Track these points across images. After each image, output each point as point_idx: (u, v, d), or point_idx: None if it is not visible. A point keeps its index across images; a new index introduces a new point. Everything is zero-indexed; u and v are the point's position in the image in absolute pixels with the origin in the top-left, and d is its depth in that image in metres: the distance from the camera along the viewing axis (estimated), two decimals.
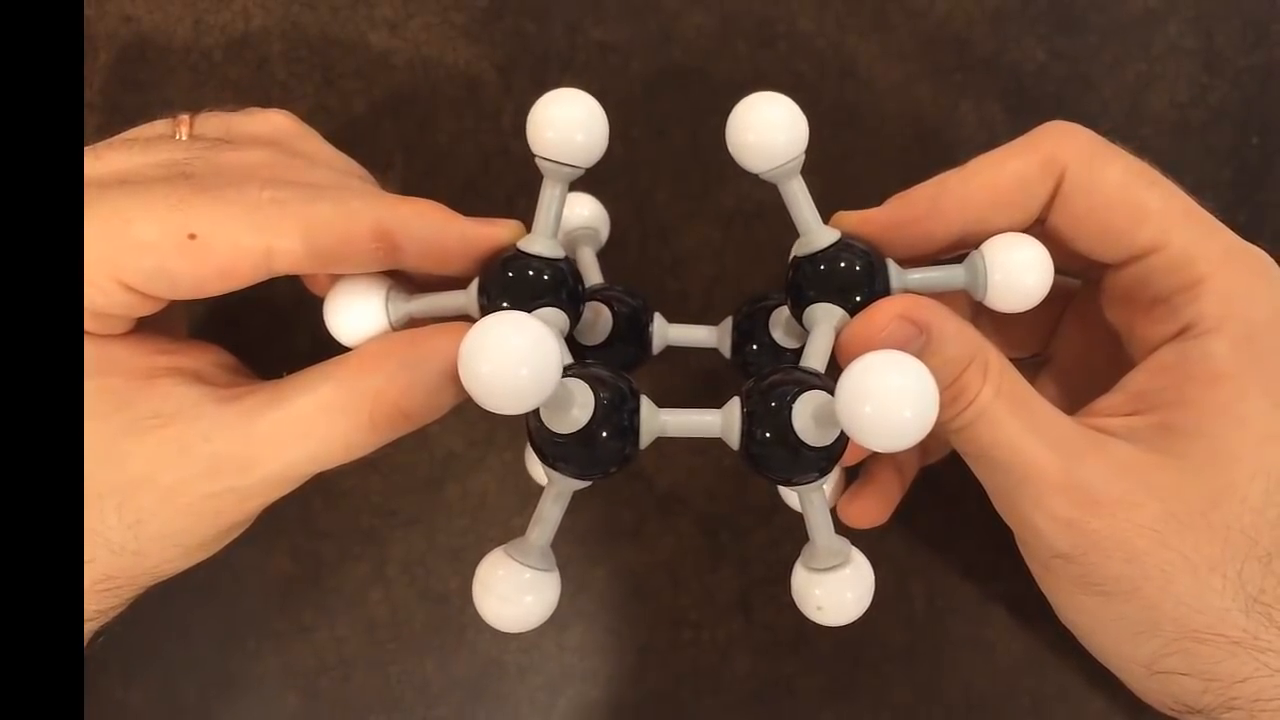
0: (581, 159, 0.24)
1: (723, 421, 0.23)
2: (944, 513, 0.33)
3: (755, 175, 0.25)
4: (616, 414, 0.22)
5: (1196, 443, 0.24)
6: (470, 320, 0.25)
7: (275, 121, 0.28)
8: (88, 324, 0.24)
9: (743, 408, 0.23)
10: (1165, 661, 0.25)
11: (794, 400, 0.22)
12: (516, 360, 0.19)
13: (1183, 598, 0.24)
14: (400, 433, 0.24)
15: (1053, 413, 0.25)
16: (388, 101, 0.34)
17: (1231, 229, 0.26)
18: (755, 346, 0.28)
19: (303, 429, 0.24)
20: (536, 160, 0.24)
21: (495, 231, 0.25)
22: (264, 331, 0.32)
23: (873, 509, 0.30)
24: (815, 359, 0.24)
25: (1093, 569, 0.25)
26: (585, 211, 0.30)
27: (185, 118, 0.27)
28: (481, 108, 0.34)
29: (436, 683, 0.33)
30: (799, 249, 0.26)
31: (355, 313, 0.26)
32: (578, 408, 0.22)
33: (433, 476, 0.34)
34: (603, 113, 0.24)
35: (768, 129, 0.24)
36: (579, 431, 0.22)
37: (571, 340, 0.27)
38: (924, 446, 0.31)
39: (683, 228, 0.34)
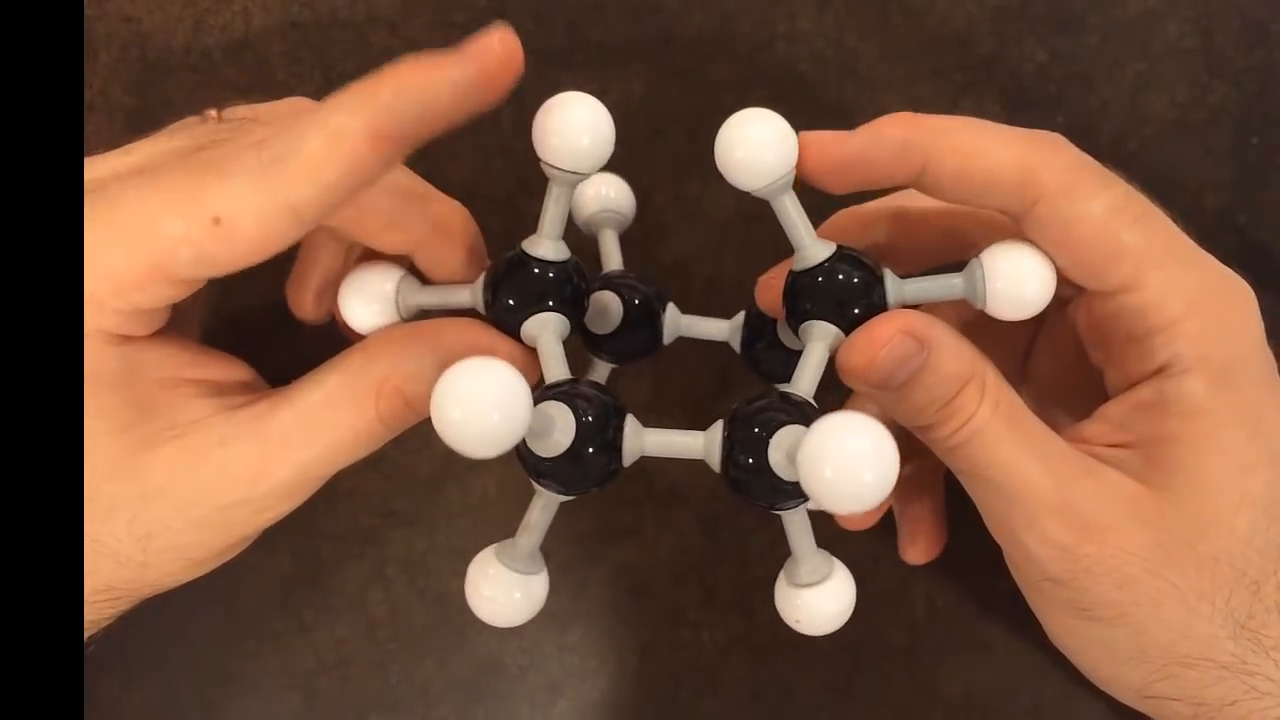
0: (586, 165, 0.24)
1: (705, 444, 0.23)
2: (945, 513, 0.33)
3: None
4: (600, 434, 0.22)
5: (1179, 476, 0.24)
6: (478, 315, 0.26)
7: (293, 101, 0.28)
8: (122, 326, 0.24)
9: (724, 432, 0.23)
10: (1155, 686, 0.25)
11: (771, 435, 0.22)
12: (487, 406, 0.19)
13: (1171, 624, 0.24)
14: (406, 424, 0.25)
15: (1048, 434, 0.25)
16: None
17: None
18: (765, 344, 0.28)
19: (312, 425, 0.24)
20: (542, 165, 0.24)
21: (487, 64, 0.23)
22: (283, 349, 0.32)
23: (931, 547, 0.31)
24: (805, 381, 0.24)
25: (1083, 594, 0.24)
26: (611, 193, 0.30)
27: (213, 113, 0.27)
28: None
29: (436, 683, 0.33)
30: (795, 264, 0.25)
31: (367, 302, 0.27)
32: (559, 432, 0.22)
33: (433, 476, 0.34)
34: (609, 117, 0.24)
35: (756, 146, 0.24)
36: (562, 454, 0.22)
37: (583, 328, 0.27)
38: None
39: (683, 228, 0.34)
